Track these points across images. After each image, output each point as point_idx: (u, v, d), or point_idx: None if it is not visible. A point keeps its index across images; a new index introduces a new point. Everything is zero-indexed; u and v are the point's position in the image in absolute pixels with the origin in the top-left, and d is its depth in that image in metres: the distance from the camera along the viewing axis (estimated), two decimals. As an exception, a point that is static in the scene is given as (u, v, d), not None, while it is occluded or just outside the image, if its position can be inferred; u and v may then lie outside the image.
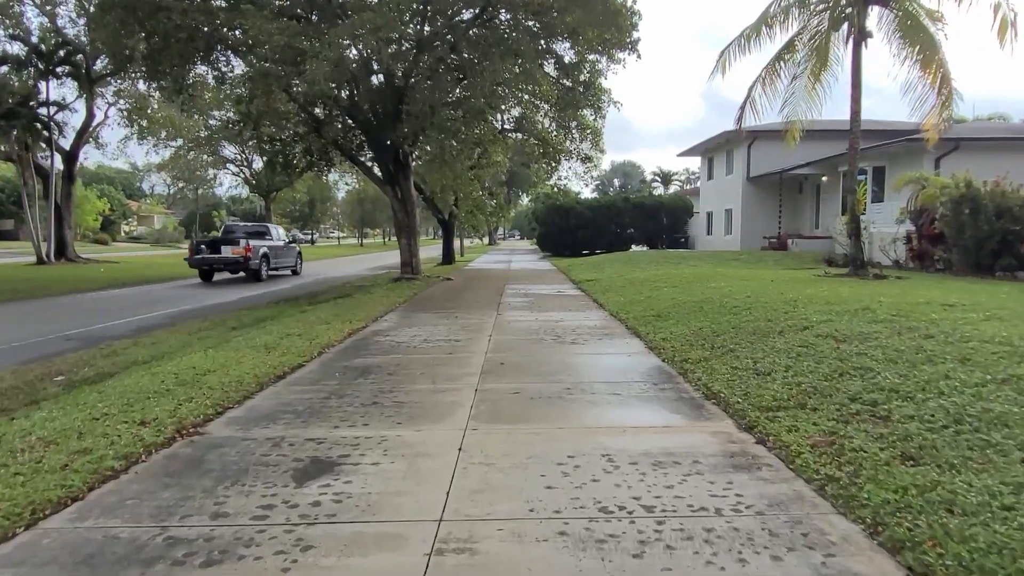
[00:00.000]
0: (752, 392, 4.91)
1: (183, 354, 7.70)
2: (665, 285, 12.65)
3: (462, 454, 3.85)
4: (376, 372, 6.22)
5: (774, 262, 19.10)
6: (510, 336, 8.22)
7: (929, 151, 18.23)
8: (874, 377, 4.76)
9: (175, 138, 38.36)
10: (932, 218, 14.26)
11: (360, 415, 4.71)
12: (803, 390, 4.78)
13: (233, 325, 10.96)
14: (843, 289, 9.69)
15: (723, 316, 8.17)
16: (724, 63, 12.94)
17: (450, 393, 5.37)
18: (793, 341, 6.25)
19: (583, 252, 32.20)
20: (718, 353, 6.36)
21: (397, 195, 17.42)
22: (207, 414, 4.71)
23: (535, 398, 5.16)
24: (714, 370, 5.75)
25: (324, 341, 7.85)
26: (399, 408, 4.89)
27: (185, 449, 4.03)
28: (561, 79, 16.31)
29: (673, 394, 5.25)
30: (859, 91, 11.99)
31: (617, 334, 8.32)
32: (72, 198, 25.64)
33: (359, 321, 9.61)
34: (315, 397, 5.26)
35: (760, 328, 7.08)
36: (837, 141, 23.43)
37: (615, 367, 6.45)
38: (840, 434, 3.86)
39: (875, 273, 11.97)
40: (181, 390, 5.48)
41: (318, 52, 11.46)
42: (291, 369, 6.36)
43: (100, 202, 61.97)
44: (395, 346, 7.64)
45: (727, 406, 4.74)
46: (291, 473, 3.57)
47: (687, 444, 3.99)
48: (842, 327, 6.45)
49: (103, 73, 23.80)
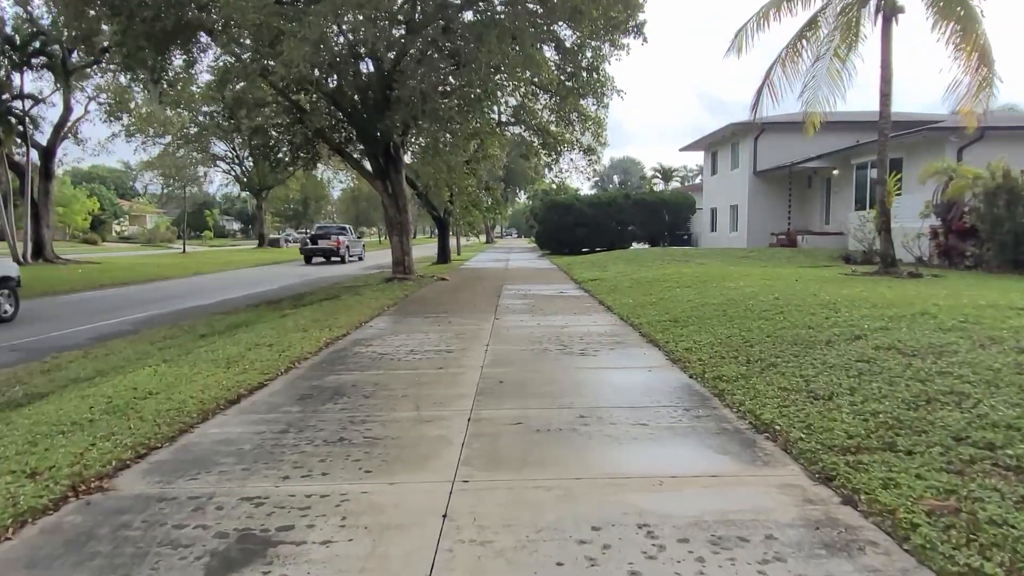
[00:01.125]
0: (816, 424, 3.90)
1: (132, 369, 6.68)
2: (676, 285, 11.63)
3: (447, 525, 2.82)
4: (350, 394, 5.18)
5: (786, 259, 18.10)
6: (509, 345, 7.20)
7: (951, 141, 17.29)
8: (975, 406, 3.75)
9: (163, 135, 37.32)
10: (962, 211, 13.26)
11: (320, 458, 3.68)
12: (883, 423, 3.76)
13: (203, 332, 9.95)
14: (882, 289, 8.68)
15: (752, 321, 7.16)
16: (741, 42, 11.90)
17: (437, 424, 4.34)
18: (847, 354, 5.24)
19: (583, 250, 31.19)
20: (757, 368, 5.34)
21: (388, 190, 16.36)
22: (123, 459, 3.67)
23: (542, 431, 4.14)
24: (757, 391, 4.73)
25: (296, 353, 6.81)
26: (371, 447, 3.87)
27: (73, 517, 2.99)
28: (562, 65, 15.26)
29: (713, 424, 4.23)
30: (889, 71, 10.96)
31: (631, 343, 7.30)
32: (50, 196, 24.53)
33: (340, 328, 8.57)
34: (268, 431, 4.23)
35: (801, 337, 6.06)
36: (848, 133, 22.51)
37: (635, 386, 5.43)
38: (962, 494, 2.84)
39: (909, 271, 10.96)
40: (105, 421, 4.46)
41: (296, 32, 10.41)
42: (249, 390, 5.33)
43: (90, 201, 60.67)
44: (377, 359, 6.61)
45: (788, 444, 3.72)
46: (205, 563, 2.54)
47: (750, 506, 2.97)
48: (904, 337, 5.44)
49: (80, 65, 22.72)
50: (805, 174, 25.49)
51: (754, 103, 12.48)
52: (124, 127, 33.50)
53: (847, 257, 16.45)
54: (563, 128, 18.53)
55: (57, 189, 55.60)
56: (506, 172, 34.00)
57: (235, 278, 22.86)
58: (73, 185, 61.52)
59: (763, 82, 12.20)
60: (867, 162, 20.71)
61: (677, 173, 73.82)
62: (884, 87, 11.03)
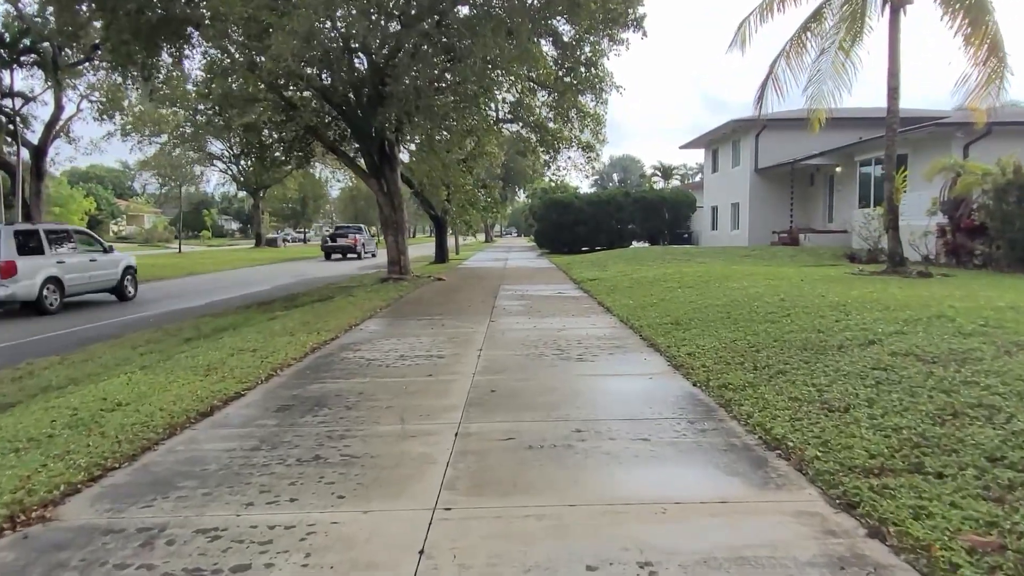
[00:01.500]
0: (832, 440, 3.57)
1: (107, 377, 6.35)
2: (678, 285, 11.30)
3: (424, 564, 2.50)
4: (331, 405, 4.86)
5: (789, 258, 17.76)
6: (504, 350, 6.87)
7: (957, 137, 16.97)
8: (1008, 421, 3.42)
9: (159, 134, 36.94)
10: (971, 209, 12.93)
11: (290, 481, 3.36)
12: (907, 440, 3.43)
13: (188, 336, 9.62)
14: (892, 290, 8.34)
15: (758, 324, 6.83)
16: (744, 34, 11.56)
17: (421, 440, 4.02)
18: (862, 361, 4.91)
19: (582, 249, 30.86)
20: (765, 376, 5.01)
21: (383, 189, 16.04)
22: (74, 482, 3.35)
23: (534, 447, 3.81)
24: (766, 401, 4.41)
25: (279, 359, 6.49)
26: (347, 468, 3.54)
27: (4, 555, 2.67)
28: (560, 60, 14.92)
29: (720, 439, 3.90)
30: (897, 64, 10.62)
31: (631, 347, 6.98)
32: (42, 196, 24.12)
33: (329, 332, 8.25)
34: (239, 448, 3.91)
35: (811, 341, 5.73)
36: (851, 130, 22.12)
37: (636, 395, 5.11)
38: (1005, 527, 2.52)
39: (919, 271, 10.62)
40: (65, 437, 4.14)
41: (285, 25, 10.08)
42: (224, 401, 5.00)
43: (86, 201, 60.28)
44: (364, 365, 6.29)
45: (803, 463, 3.39)
46: (141, 613, 2.22)
47: (765, 539, 2.65)
48: (921, 342, 5.11)
49: (72, 62, 22.37)
50: (807, 171, 25.16)
51: (758, 97, 12.14)
52: (120, 126, 33.17)
53: (852, 256, 16.11)
54: (561, 125, 18.18)
55: (54, 189, 55.41)
56: (505, 171, 33.70)
57: (230, 278, 22.54)
58: (70, 185, 61.23)
59: (767, 76, 11.86)
60: (871, 159, 20.37)
61: (677, 171, 73.53)
62: (892, 80, 10.69)
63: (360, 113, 14.18)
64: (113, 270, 14.94)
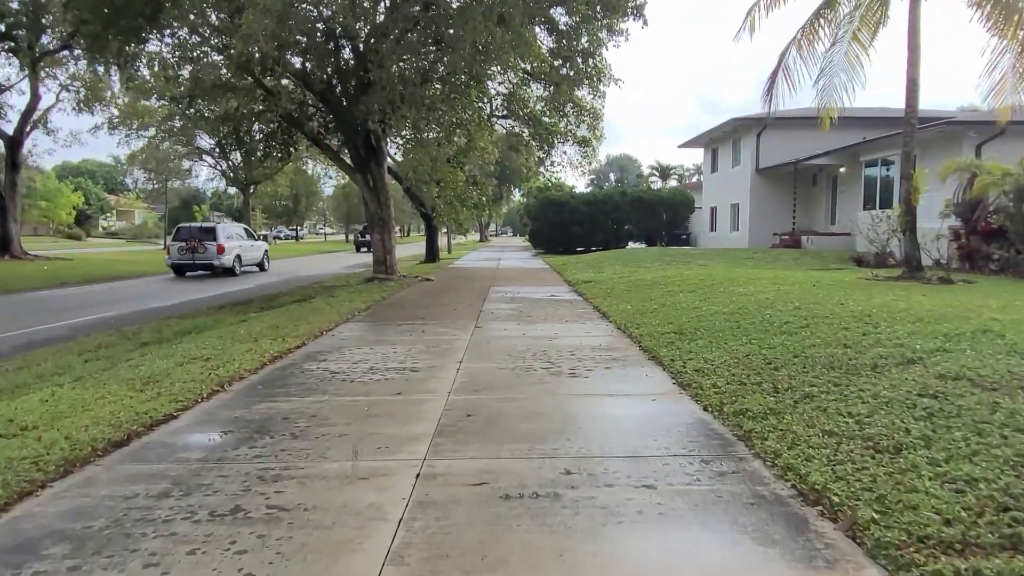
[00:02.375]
0: (889, 495, 2.81)
1: (31, 391, 5.55)
2: (679, 289, 10.54)
3: None
4: (274, 432, 4.08)
5: (793, 261, 17.04)
6: (487, 363, 6.10)
7: (970, 136, 16.30)
8: (1120, 477, 2.66)
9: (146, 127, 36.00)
10: (988, 211, 12.21)
11: (191, 548, 2.58)
12: (988, 498, 2.67)
13: (146, 339, 8.81)
14: (918, 298, 7.60)
15: (773, 336, 6.08)
16: (753, 20, 10.81)
17: (373, 483, 3.24)
18: (904, 384, 4.16)
19: (578, 249, 30.13)
20: (789, 401, 4.25)
21: (369, 184, 15.24)
22: (-96, 548, 2.56)
23: (512, 497, 3.04)
24: (796, 435, 3.65)
25: (231, 371, 5.70)
26: (269, 527, 2.76)
27: None
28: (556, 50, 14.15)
29: (743, 488, 3.13)
30: (917, 54, 9.88)
31: (630, 360, 6.21)
32: (17, 188, 23.26)
33: (297, 337, 7.46)
34: (143, 495, 3.12)
35: (838, 358, 4.98)
36: (854, 130, 21.39)
37: (637, 422, 4.34)
38: None
39: (939, 276, 9.89)
40: (-68, 476, 3.33)
41: (257, 3, 9.28)
42: (149, 426, 4.21)
43: (74, 195, 59.29)
44: (325, 380, 5.50)
45: (856, 528, 2.63)
46: None
47: (826, 661, 1.88)
48: (972, 363, 4.35)
49: (49, 50, 21.47)
50: (810, 172, 24.47)
51: (767, 90, 11.37)
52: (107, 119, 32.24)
53: (858, 259, 15.38)
54: (556, 119, 17.41)
55: (41, 183, 54.37)
56: (500, 169, 32.92)
57: (212, 276, 21.69)
58: (59, 179, 60.12)
59: (777, 67, 11.10)
60: (877, 159, 19.69)
61: (674, 171, 72.85)
62: (911, 71, 9.93)
63: (344, 102, 13.39)
64: (260, 252, 23.36)
